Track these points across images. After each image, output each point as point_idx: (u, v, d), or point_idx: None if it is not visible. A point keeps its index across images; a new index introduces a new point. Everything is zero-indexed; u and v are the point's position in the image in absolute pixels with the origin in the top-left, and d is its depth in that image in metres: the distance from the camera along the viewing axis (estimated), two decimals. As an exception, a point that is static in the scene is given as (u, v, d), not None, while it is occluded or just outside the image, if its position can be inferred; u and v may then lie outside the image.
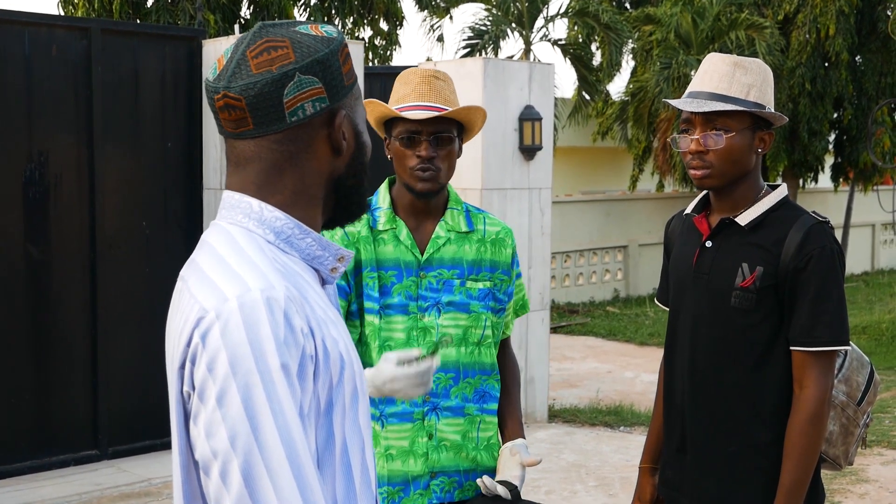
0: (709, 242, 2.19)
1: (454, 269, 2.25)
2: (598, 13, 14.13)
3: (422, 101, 2.19)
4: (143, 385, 5.72)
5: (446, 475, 2.25)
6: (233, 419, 1.11)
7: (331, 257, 1.30)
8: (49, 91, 5.48)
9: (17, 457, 5.38)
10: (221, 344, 1.13)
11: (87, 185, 5.61)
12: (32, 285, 5.47)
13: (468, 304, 2.25)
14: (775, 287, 2.09)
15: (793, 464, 2.06)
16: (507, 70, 6.32)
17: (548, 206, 6.56)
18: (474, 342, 2.26)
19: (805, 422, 2.04)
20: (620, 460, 5.82)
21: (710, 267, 2.17)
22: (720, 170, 2.12)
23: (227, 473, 1.11)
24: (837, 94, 14.18)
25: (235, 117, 1.23)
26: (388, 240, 2.24)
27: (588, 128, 16.11)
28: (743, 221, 2.14)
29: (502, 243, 2.32)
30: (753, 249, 2.12)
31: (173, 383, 1.21)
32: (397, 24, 13.34)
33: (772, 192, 2.18)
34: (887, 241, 18.02)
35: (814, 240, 2.07)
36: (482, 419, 2.28)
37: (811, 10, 13.70)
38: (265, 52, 1.23)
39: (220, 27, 10.73)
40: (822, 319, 2.05)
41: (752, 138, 2.13)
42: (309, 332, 1.17)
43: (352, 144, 1.30)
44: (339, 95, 1.27)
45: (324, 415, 1.20)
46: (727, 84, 2.12)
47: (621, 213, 14.14)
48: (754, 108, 2.10)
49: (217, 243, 1.25)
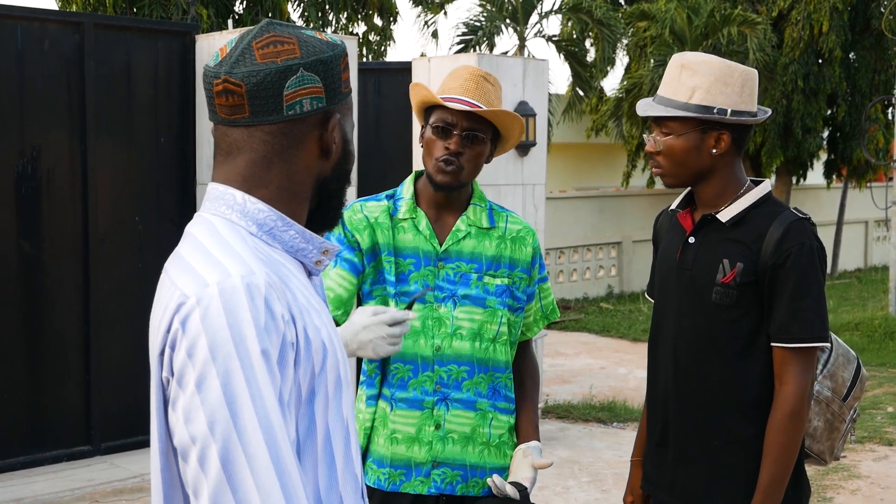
0: (691, 238, 2.21)
1: (472, 264, 2.26)
2: (592, 9, 14.12)
3: (466, 96, 2.20)
4: (135, 380, 5.70)
5: (449, 467, 2.25)
6: (212, 404, 1.11)
7: (315, 250, 1.31)
8: (41, 86, 5.46)
9: (10, 452, 5.37)
10: (201, 329, 1.13)
11: (80, 180, 5.59)
12: (25, 280, 5.45)
13: (484, 299, 2.26)
14: (756, 283, 2.10)
15: (771, 460, 2.06)
16: (501, 66, 6.31)
17: (542, 202, 6.56)
18: (489, 338, 2.26)
19: (784, 418, 2.05)
20: (613, 456, 5.83)
21: (693, 262, 2.19)
22: (670, 170, 2.18)
23: (205, 459, 1.11)
24: (831, 90, 14.20)
25: (232, 103, 1.24)
26: (408, 228, 2.26)
27: (582, 124, 16.11)
28: (724, 218, 2.16)
29: (523, 241, 2.33)
30: (734, 245, 2.13)
31: (154, 370, 1.21)
32: (391, 20, 13.32)
33: (754, 189, 2.19)
34: (880, 237, 18.07)
35: (793, 236, 2.08)
36: (494, 416, 2.28)
37: (805, 7, 13.71)
38: (271, 45, 1.24)
39: (213, 22, 10.70)
40: (800, 316, 2.06)
41: (701, 139, 2.13)
42: (290, 319, 1.18)
43: (340, 149, 1.31)
44: (336, 99, 1.28)
45: (305, 403, 1.20)
46: (673, 88, 2.15)
47: (615, 209, 14.15)
48: (695, 112, 2.10)
49: (198, 233, 1.25)
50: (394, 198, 2.31)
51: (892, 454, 5.97)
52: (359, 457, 1.30)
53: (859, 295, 13.68)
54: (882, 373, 8.50)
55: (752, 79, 2.15)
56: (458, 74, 2.24)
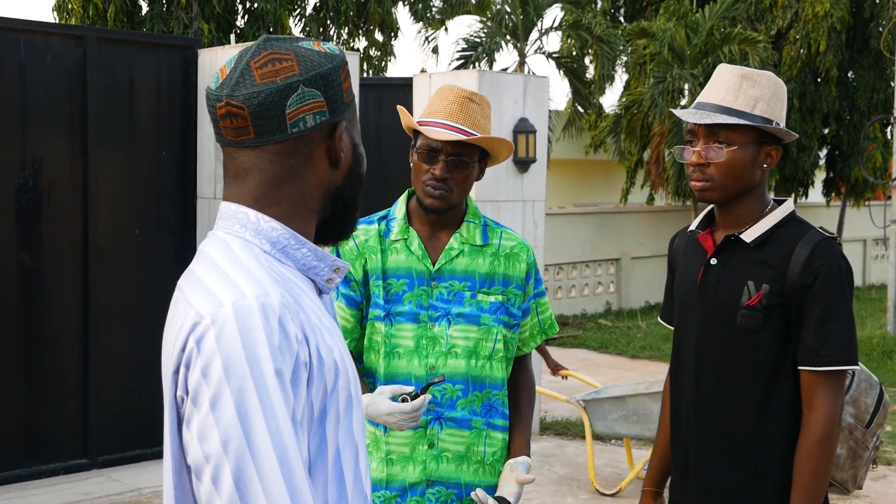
0: (714, 260, 2.13)
1: (466, 282, 2.25)
2: (592, 26, 14.18)
3: (450, 120, 2.19)
4: (133, 394, 5.69)
5: (444, 485, 2.24)
6: (226, 423, 1.12)
7: (326, 268, 1.31)
8: (44, 98, 5.48)
9: (7, 465, 5.35)
10: (216, 349, 1.14)
11: (81, 193, 5.60)
12: (24, 292, 5.45)
13: (479, 317, 2.25)
14: (782, 305, 2.02)
15: (802, 489, 2.00)
16: (502, 82, 6.34)
17: (541, 218, 6.58)
18: (485, 356, 2.25)
19: (814, 445, 1.99)
20: (612, 474, 5.82)
21: (716, 285, 2.11)
22: (721, 184, 2.07)
23: (218, 477, 1.12)
24: (827, 109, 14.26)
25: (237, 125, 1.25)
26: (401, 249, 2.26)
27: (580, 140, 16.15)
28: (748, 238, 2.08)
29: (517, 258, 2.31)
30: (759, 267, 2.06)
31: (167, 388, 1.22)
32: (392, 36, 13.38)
33: (778, 208, 2.12)
34: (878, 256, 18.08)
35: (821, 256, 2.01)
36: (488, 434, 2.27)
37: (803, 27, 13.78)
38: (269, 63, 1.24)
39: (214, 37, 10.74)
40: (830, 339, 1.99)
41: (757, 153, 2.07)
42: (303, 339, 1.18)
43: (349, 156, 1.32)
44: (339, 110, 1.29)
45: (317, 422, 1.21)
46: (733, 96, 2.06)
47: (614, 225, 14.17)
48: (759, 123, 2.04)
49: (213, 252, 1.26)
50: (386, 218, 2.31)
51: (890, 473, 5.96)
52: (368, 475, 1.31)
53: (857, 313, 13.66)
54: (880, 391, 8.48)
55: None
56: (443, 96, 2.23)
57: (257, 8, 11.44)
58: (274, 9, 11.24)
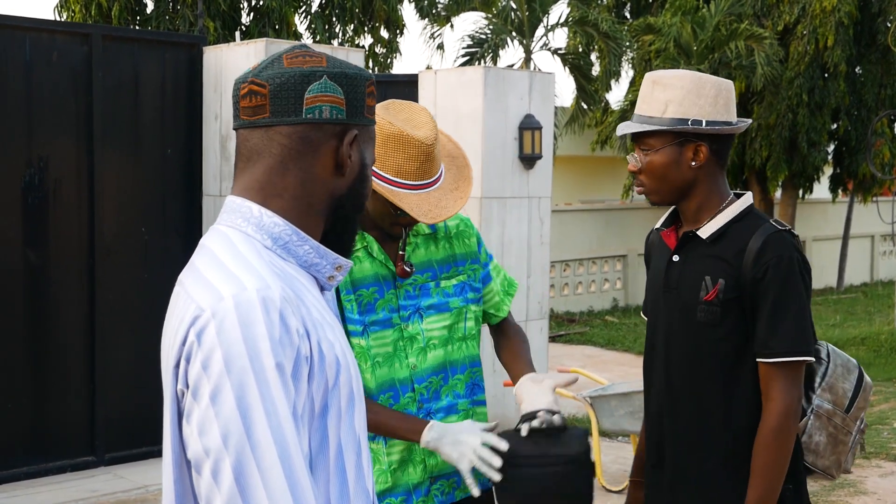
0: (675, 256, 2.18)
1: (427, 273, 2.26)
2: (598, 22, 14.15)
3: (427, 178, 2.12)
4: (140, 391, 5.70)
5: (445, 478, 2.25)
6: (226, 417, 1.12)
7: (328, 265, 1.32)
8: (49, 97, 5.48)
9: (14, 462, 5.36)
10: (217, 342, 1.14)
11: (87, 191, 5.61)
12: (30, 290, 5.46)
13: (447, 303, 2.26)
14: (739, 299, 2.06)
15: (757, 479, 2.03)
16: (508, 79, 6.32)
17: (547, 215, 6.56)
18: (459, 337, 2.27)
19: (769, 436, 2.01)
20: (618, 470, 5.81)
21: (678, 281, 2.16)
22: (651, 187, 2.16)
23: (218, 472, 1.12)
24: (836, 105, 14.20)
25: (256, 103, 1.27)
26: (363, 258, 2.22)
27: (586, 137, 16.12)
28: (704, 234, 2.13)
29: (464, 234, 2.34)
30: (715, 262, 2.10)
31: (168, 382, 1.21)
32: (398, 33, 13.36)
33: (735, 203, 2.15)
34: (886, 252, 18.02)
35: (771, 249, 2.04)
36: (474, 412, 2.30)
37: (811, 22, 13.73)
38: (300, 56, 1.29)
39: (219, 34, 10.74)
40: (780, 329, 2.02)
41: (679, 153, 2.11)
42: (305, 333, 1.18)
43: (356, 171, 1.32)
44: (357, 118, 1.30)
45: (318, 417, 1.21)
46: (647, 104, 2.13)
47: (620, 222, 14.14)
48: (668, 126, 2.08)
49: (214, 246, 1.26)
50: None
51: (898, 470, 5.93)
52: (370, 471, 1.30)
53: (865, 310, 13.64)
54: (888, 388, 8.46)
55: (727, 89, 2.12)
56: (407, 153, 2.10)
57: (263, 5, 11.43)
58: (279, 6, 11.23)
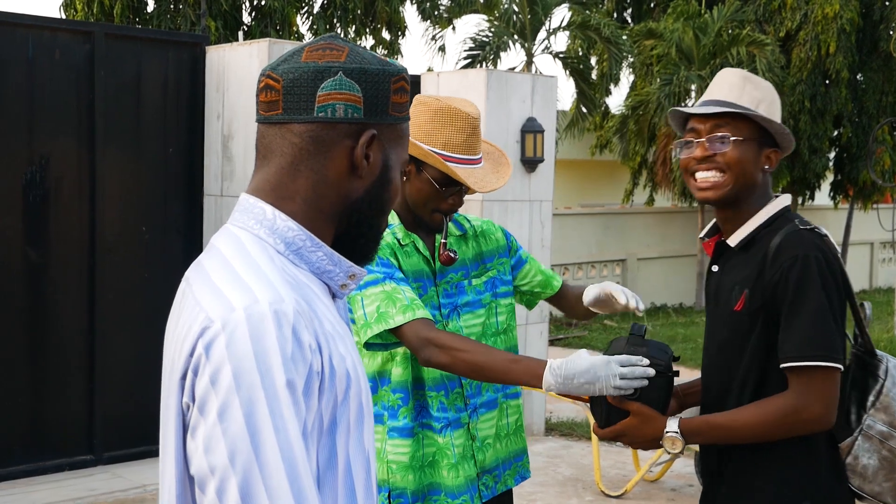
0: (715, 267, 2.12)
1: (460, 271, 2.31)
2: (600, 27, 14.15)
3: (472, 154, 2.20)
4: (139, 390, 5.69)
5: (489, 472, 2.31)
6: (233, 435, 1.07)
7: (342, 273, 1.26)
8: (51, 95, 5.47)
9: (12, 461, 5.35)
10: (226, 356, 1.09)
11: (88, 190, 5.60)
12: (30, 288, 5.45)
13: (479, 300, 2.32)
14: (764, 307, 1.97)
15: (733, 419, 1.96)
16: (510, 82, 6.32)
17: (548, 218, 6.56)
18: (493, 332, 2.32)
19: (767, 414, 1.93)
20: (617, 475, 5.80)
21: (716, 293, 2.10)
22: (725, 177, 2.02)
23: (223, 491, 1.07)
24: (837, 111, 14.21)
25: (270, 98, 1.22)
26: (411, 252, 2.27)
27: (586, 141, 16.12)
28: (732, 242, 2.06)
29: (489, 233, 2.42)
30: (743, 270, 2.02)
31: (172, 393, 1.16)
32: (399, 34, 13.36)
33: (763, 208, 2.05)
34: (886, 259, 18.02)
35: (787, 249, 1.94)
36: (507, 404, 2.36)
37: (812, 28, 13.73)
38: (321, 49, 1.23)
39: (221, 34, 10.74)
40: (792, 332, 1.92)
41: (759, 152, 2.04)
42: (317, 348, 1.14)
43: (375, 173, 1.25)
44: (377, 117, 1.23)
45: (327, 433, 1.17)
46: (738, 94, 2.04)
47: (620, 226, 14.13)
48: (763, 120, 2.03)
49: (225, 248, 1.21)
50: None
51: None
52: (376, 487, 1.27)
53: (864, 316, 13.61)
54: (887, 395, 8.44)
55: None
56: (459, 126, 2.17)
57: (265, 5, 11.42)
58: (281, 6, 11.22)
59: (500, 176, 2.24)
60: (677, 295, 14.19)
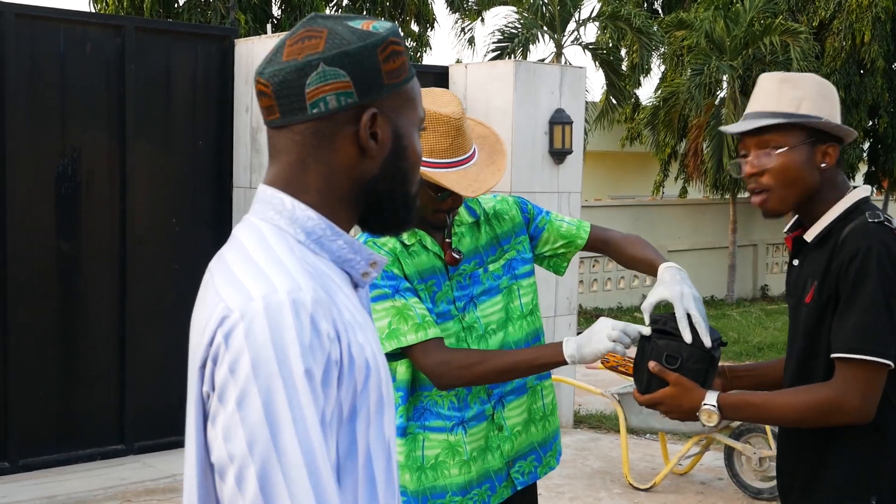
0: (795, 261, 2.12)
1: (474, 260, 2.26)
2: (631, 17, 14.05)
3: (460, 154, 2.13)
4: (169, 381, 5.74)
5: (523, 458, 2.28)
6: (252, 423, 1.08)
7: (363, 261, 1.26)
8: (82, 88, 5.52)
9: (44, 450, 5.42)
10: (245, 345, 1.09)
11: (119, 182, 5.65)
12: (62, 280, 5.51)
13: (497, 286, 2.27)
14: (831, 299, 1.97)
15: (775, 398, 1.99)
16: (538, 73, 6.29)
17: (577, 210, 6.52)
18: (518, 315, 2.28)
19: (802, 400, 1.95)
20: (646, 468, 5.77)
21: (794, 287, 2.10)
22: (778, 194, 2.01)
23: (242, 479, 1.08)
24: (872, 101, 14.00)
25: (266, 104, 1.22)
26: (419, 251, 2.23)
27: (617, 132, 16.02)
28: (808, 237, 2.05)
29: (503, 212, 2.34)
30: (817, 264, 2.01)
31: (193, 382, 1.18)
32: (428, 27, 13.35)
33: (839, 201, 2.02)
34: (921, 251, 17.75)
35: (851, 241, 1.93)
36: (541, 385, 2.33)
37: (847, 17, 13.54)
38: (301, 41, 1.20)
39: (250, 27, 10.79)
40: (843, 324, 1.93)
41: (812, 153, 2.00)
42: (335, 337, 1.14)
43: (387, 146, 1.23)
44: (373, 94, 1.21)
45: (346, 422, 1.17)
46: (774, 101, 2.01)
47: (650, 218, 14.05)
48: (804, 120, 1.98)
49: (246, 239, 1.22)
50: None
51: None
52: (397, 477, 1.27)
53: None
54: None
55: (837, 95, 2.07)
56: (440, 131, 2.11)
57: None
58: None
59: (494, 170, 2.17)
60: (708, 287, 14.08)
